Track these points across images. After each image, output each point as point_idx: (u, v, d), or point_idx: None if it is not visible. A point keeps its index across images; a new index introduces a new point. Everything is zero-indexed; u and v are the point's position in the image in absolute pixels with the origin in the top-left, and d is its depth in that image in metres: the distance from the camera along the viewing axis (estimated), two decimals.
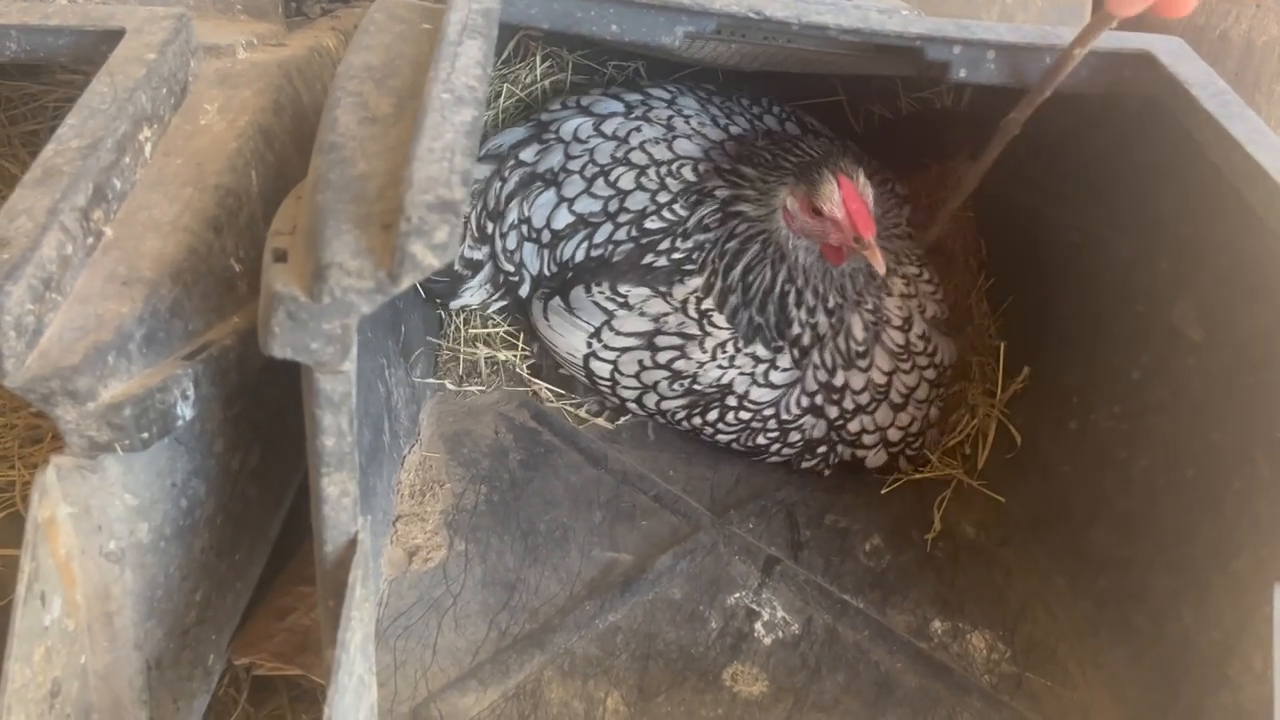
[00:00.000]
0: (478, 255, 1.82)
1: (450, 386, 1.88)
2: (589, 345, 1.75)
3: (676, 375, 1.71)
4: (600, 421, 1.85)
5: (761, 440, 1.74)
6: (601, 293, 1.73)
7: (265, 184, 1.37)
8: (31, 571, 1.08)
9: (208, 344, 1.22)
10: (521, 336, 1.92)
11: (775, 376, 1.70)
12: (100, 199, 1.18)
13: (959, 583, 1.63)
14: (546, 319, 1.79)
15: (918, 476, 1.82)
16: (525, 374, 1.90)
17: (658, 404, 1.76)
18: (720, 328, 1.70)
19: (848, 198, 1.54)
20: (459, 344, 1.93)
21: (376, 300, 0.95)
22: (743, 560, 1.62)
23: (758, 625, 1.51)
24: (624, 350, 1.73)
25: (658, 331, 1.71)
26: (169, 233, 1.21)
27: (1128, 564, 1.51)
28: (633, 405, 1.80)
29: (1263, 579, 1.22)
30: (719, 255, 1.69)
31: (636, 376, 1.74)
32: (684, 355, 1.70)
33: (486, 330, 1.94)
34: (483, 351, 1.91)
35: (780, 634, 1.50)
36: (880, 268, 1.55)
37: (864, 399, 1.72)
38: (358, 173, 1.05)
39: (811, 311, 1.67)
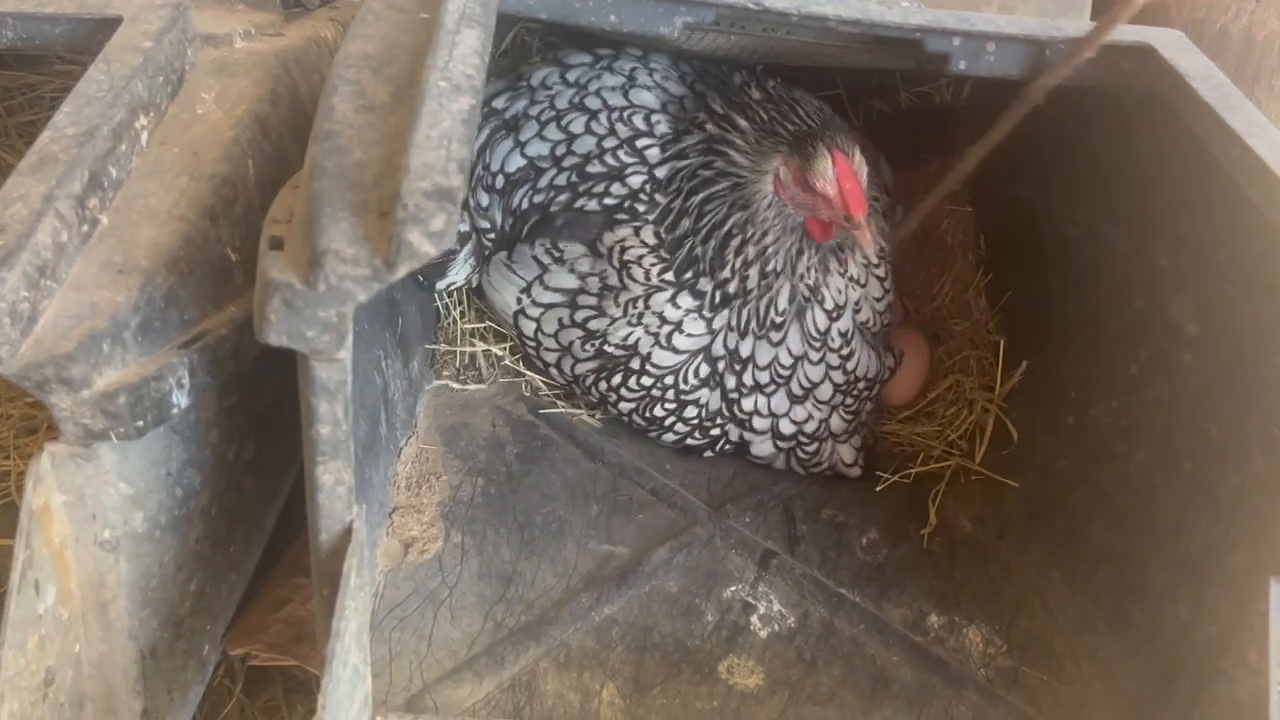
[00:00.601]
0: (463, 227, 1.82)
1: (448, 381, 1.88)
2: (519, 301, 1.76)
3: (589, 335, 1.71)
4: (586, 418, 1.85)
5: (659, 411, 1.73)
6: (542, 246, 1.75)
7: (262, 173, 1.36)
8: (25, 559, 1.08)
9: (203, 333, 1.21)
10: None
11: (679, 340, 1.69)
12: (96, 187, 1.18)
13: (955, 577, 1.63)
14: (488, 275, 1.81)
15: (915, 470, 1.81)
16: (521, 368, 1.90)
17: (572, 368, 1.76)
18: (637, 282, 1.69)
19: (841, 175, 1.52)
20: (456, 338, 1.93)
21: (373, 288, 0.95)
22: (739, 554, 1.62)
23: (754, 618, 1.51)
24: (549, 307, 1.74)
25: (581, 290, 1.72)
26: (165, 221, 1.21)
27: (1124, 558, 1.50)
28: (554, 372, 1.80)
29: (1259, 573, 1.22)
30: (688, 177, 1.68)
31: (555, 336, 1.74)
32: (599, 313, 1.70)
33: (484, 324, 1.94)
34: (480, 346, 1.91)
35: (776, 627, 1.50)
36: (869, 247, 1.54)
37: (764, 377, 1.69)
38: (354, 160, 1.04)
39: (747, 263, 1.64)
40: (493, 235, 1.83)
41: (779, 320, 1.67)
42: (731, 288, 1.67)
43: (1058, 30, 1.44)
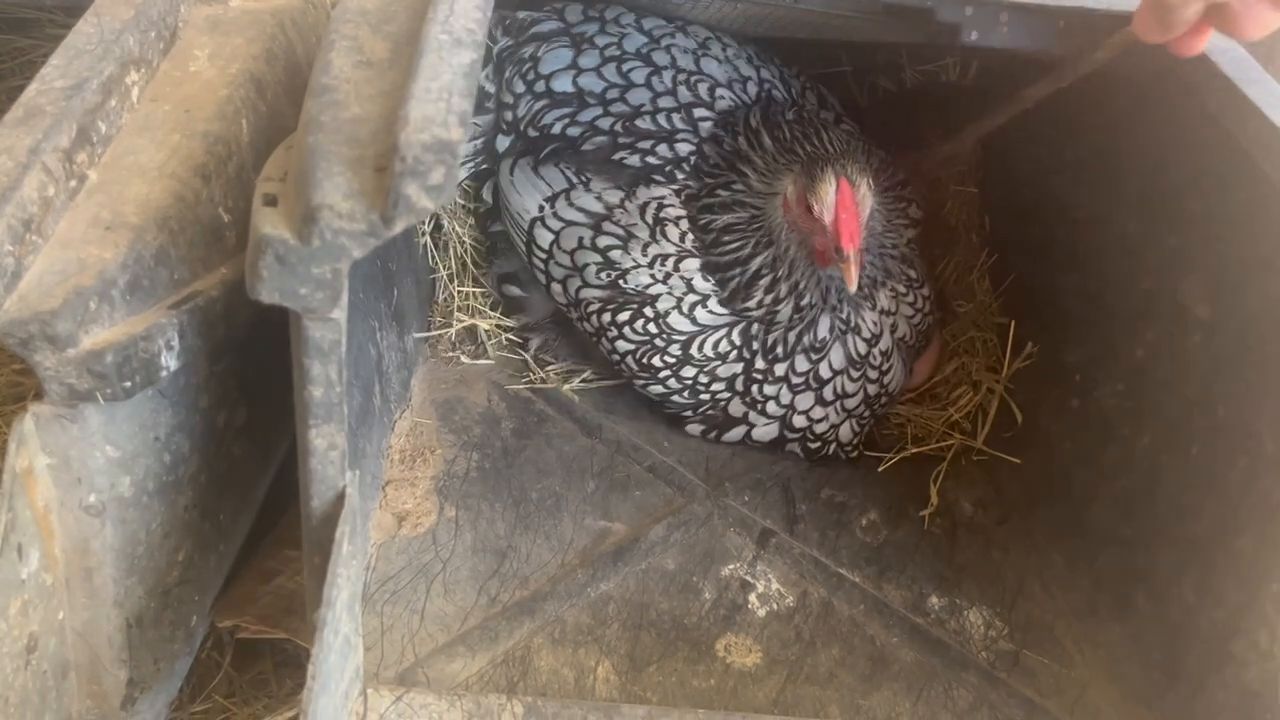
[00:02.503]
0: (489, 87, 1.78)
1: (445, 354, 1.85)
2: (540, 210, 1.71)
3: (608, 264, 1.67)
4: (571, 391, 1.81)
5: (657, 361, 1.68)
6: (569, 169, 1.71)
7: (256, 133, 1.33)
8: (8, 522, 1.05)
9: (194, 294, 1.18)
10: (503, 308, 1.90)
11: (700, 314, 1.65)
12: (84, 141, 1.14)
13: (957, 559, 1.61)
14: (511, 174, 1.75)
15: (917, 451, 1.79)
16: (520, 346, 1.87)
17: (578, 290, 1.71)
18: (671, 242, 1.65)
19: (840, 204, 1.47)
20: (453, 311, 1.90)
21: (369, 244, 0.92)
22: (738, 532, 1.59)
23: (752, 597, 1.48)
24: (570, 224, 1.69)
25: (607, 218, 1.67)
26: (155, 178, 1.17)
27: (1128, 542, 1.48)
28: (556, 288, 1.75)
29: (1268, 556, 1.19)
30: (708, 193, 1.65)
31: (571, 255, 1.69)
32: (624, 249, 1.66)
33: (480, 290, 1.91)
34: (480, 322, 1.88)
35: (775, 606, 1.47)
36: (851, 284, 1.49)
37: (796, 379, 1.67)
38: (351, 116, 1.01)
39: (779, 299, 1.62)
40: (510, 121, 1.77)
41: (819, 345, 1.65)
42: (755, 314, 1.64)
43: (1073, 1, 1.41)
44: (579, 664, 1.34)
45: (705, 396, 1.71)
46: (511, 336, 1.88)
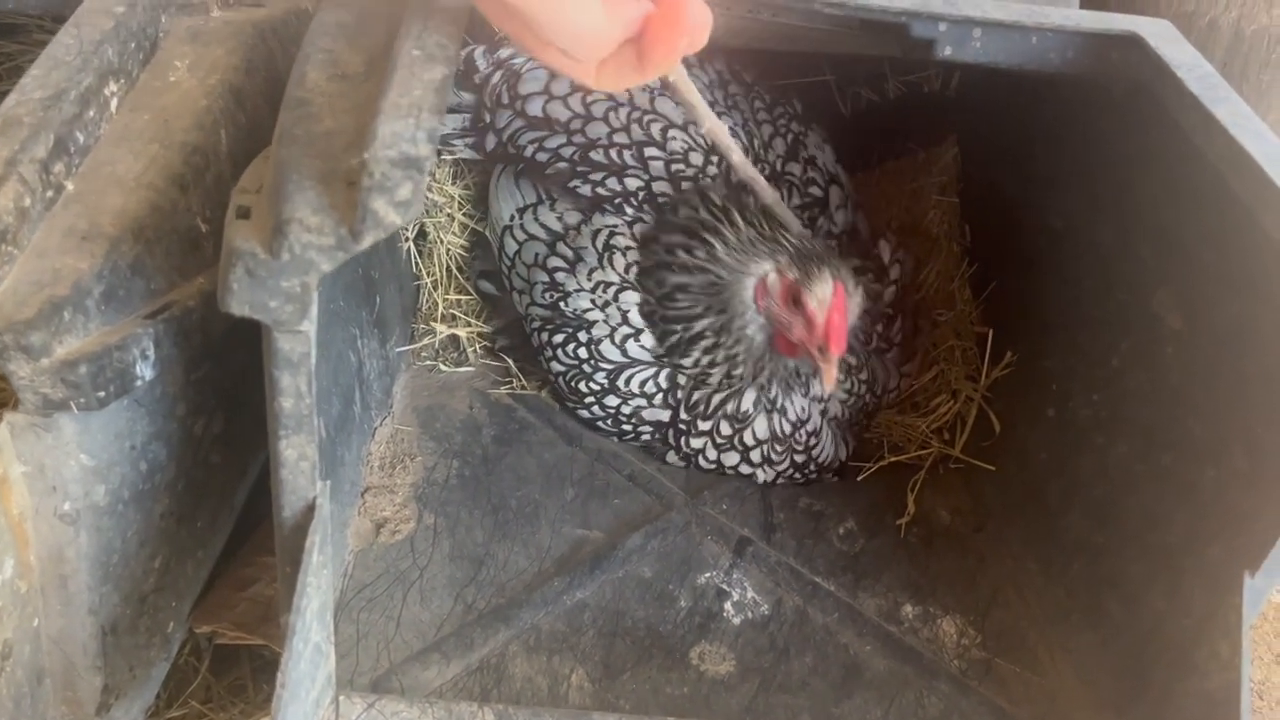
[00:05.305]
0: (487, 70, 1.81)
1: (427, 362, 1.86)
2: (510, 219, 1.75)
3: (553, 285, 1.69)
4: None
5: (583, 387, 1.69)
6: (541, 186, 1.74)
7: (235, 144, 1.34)
8: None
9: (170, 304, 1.19)
10: (486, 314, 1.90)
11: (632, 347, 1.66)
12: (62, 152, 1.15)
13: (932, 568, 1.62)
14: (497, 180, 1.80)
15: (895, 460, 1.80)
16: (503, 358, 1.87)
17: (527, 307, 1.74)
18: (615, 270, 1.66)
19: (835, 307, 1.49)
20: (436, 319, 1.91)
21: (337, 258, 0.93)
22: (715, 540, 1.60)
23: (727, 605, 1.49)
24: (532, 238, 1.72)
25: (562, 238, 1.69)
26: (133, 189, 1.18)
27: (1101, 550, 1.50)
28: (515, 297, 1.77)
29: (1234, 568, 1.20)
30: (666, 250, 1.64)
31: (528, 269, 1.72)
32: (571, 272, 1.68)
33: (466, 296, 1.92)
34: (462, 329, 1.89)
35: (750, 614, 1.48)
36: (828, 386, 1.52)
37: (721, 441, 1.68)
38: (324, 129, 1.02)
39: (714, 364, 1.62)
40: (497, 130, 1.78)
41: (741, 416, 1.66)
42: (686, 373, 1.65)
43: (1045, 18, 1.42)
44: (553, 671, 1.35)
45: (628, 428, 1.72)
46: (488, 344, 1.89)
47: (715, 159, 1.71)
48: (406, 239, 1.89)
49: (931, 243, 2.10)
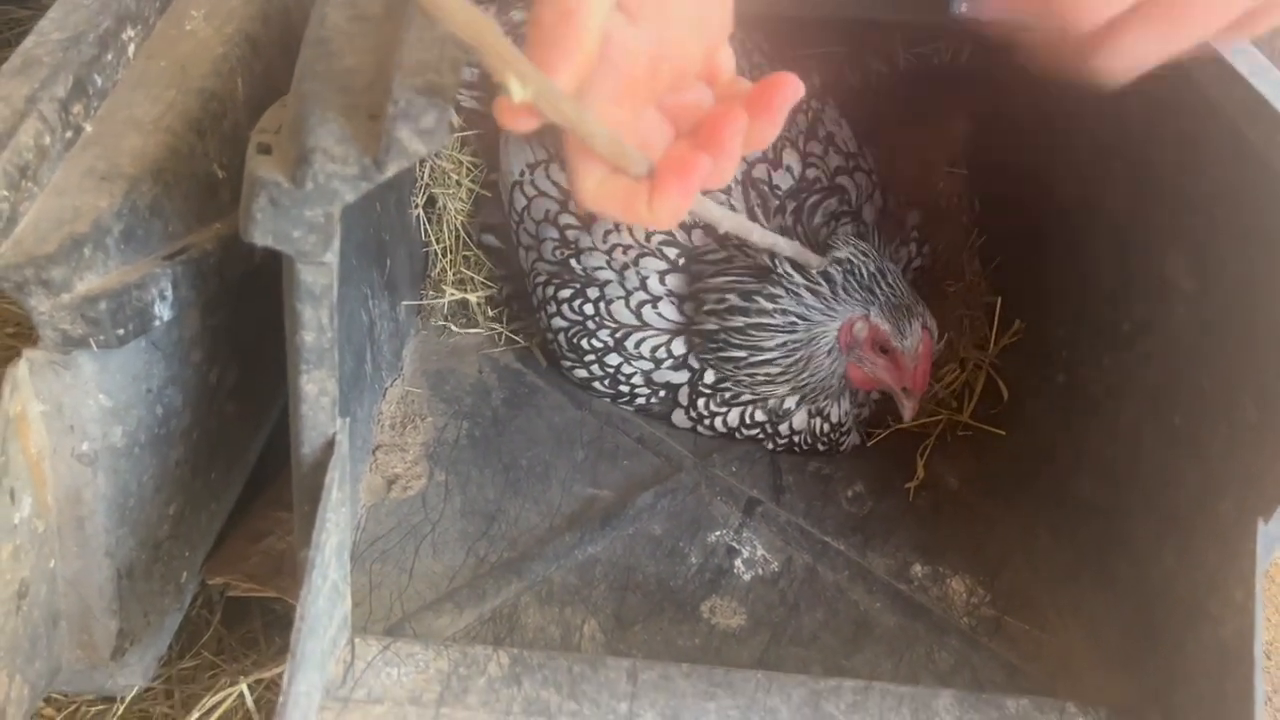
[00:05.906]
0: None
1: (437, 325, 1.86)
2: (521, 174, 1.73)
3: (564, 242, 1.67)
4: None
5: (585, 344, 1.68)
6: (552, 143, 1.71)
7: (251, 92, 1.34)
8: (1, 466, 1.06)
9: (188, 246, 1.19)
10: (486, 270, 1.90)
11: (647, 313, 1.65)
12: (80, 93, 1.15)
13: (941, 531, 1.62)
14: (508, 134, 1.76)
15: (902, 426, 1.81)
16: (510, 304, 1.87)
17: (533, 263, 1.72)
18: (632, 234, 1.64)
19: (924, 355, 1.57)
20: (446, 283, 1.91)
21: (361, 187, 0.93)
22: (724, 501, 1.61)
23: (737, 562, 1.50)
24: (543, 194, 1.70)
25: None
26: (151, 132, 1.18)
27: (1110, 512, 1.50)
28: (521, 253, 1.76)
29: (1246, 519, 1.21)
30: (736, 280, 1.59)
31: (537, 225, 1.70)
32: (585, 229, 1.66)
33: (472, 273, 1.92)
34: (470, 295, 1.89)
35: (760, 571, 1.49)
36: (909, 415, 1.61)
37: (749, 422, 1.69)
38: (345, 66, 1.02)
39: (771, 383, 1.63)
40: None
41: (782, 413, 1.68)
42: (744, 384, 1.65)
43: None
44: (565, 622, 1.35)
45: (625, 389, 1.71)
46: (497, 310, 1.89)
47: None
48: (416, 206, 1.89)
49: (941, 214, 2.10)
